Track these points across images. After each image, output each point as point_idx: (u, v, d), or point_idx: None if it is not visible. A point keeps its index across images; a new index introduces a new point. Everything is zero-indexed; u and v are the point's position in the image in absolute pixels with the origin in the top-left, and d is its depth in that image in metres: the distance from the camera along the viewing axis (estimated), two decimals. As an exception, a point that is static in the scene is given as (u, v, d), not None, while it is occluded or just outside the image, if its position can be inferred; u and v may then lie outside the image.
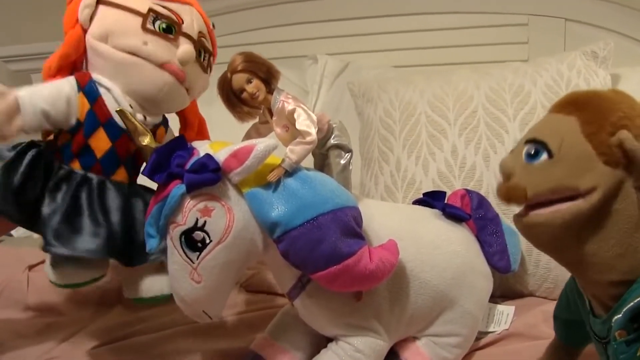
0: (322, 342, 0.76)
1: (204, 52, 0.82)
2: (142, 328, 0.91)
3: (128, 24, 0.76)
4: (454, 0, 1.42)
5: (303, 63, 1.55)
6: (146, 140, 0.70)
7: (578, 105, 0.55)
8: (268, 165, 0.67)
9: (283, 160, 0.68)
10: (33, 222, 0.77)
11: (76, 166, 0.78)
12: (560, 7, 1.33)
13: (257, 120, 0.79)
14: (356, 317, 0.71)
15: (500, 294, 0.96)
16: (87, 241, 0.75)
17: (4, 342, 0.89)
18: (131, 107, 0.78)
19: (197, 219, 0.65)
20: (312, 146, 0.69)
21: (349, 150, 0.78)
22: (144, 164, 0.78)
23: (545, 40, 1.35)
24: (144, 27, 0.76)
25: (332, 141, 0.76)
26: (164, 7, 0.78)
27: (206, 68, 0.83)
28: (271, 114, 0.74)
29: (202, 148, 0.69)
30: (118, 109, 0.71)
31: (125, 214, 0.79)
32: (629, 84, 1.15)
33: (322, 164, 0.78)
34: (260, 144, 0.64)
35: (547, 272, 0.94)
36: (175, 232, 0.66)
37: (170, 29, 0.77)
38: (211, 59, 0.84)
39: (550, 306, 0.88)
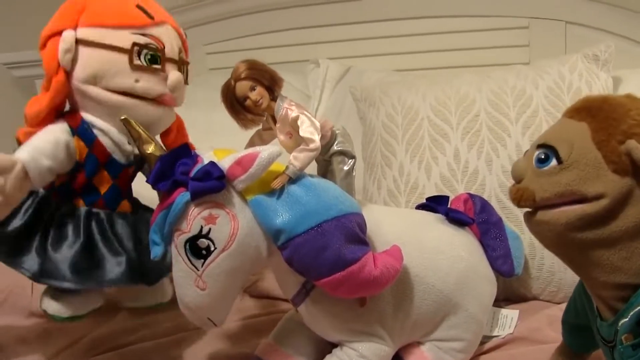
0: (326, 347, 0.76)
1: (184, 66, 0.82)
2: (146, 334, 0.91)
3: (116, 64, 0.75)
4: (455, 4, 1.42)
5: (305, 68, 1.55)
6: (150, 149, 0.70)
7: (590, 111, 0.55)
8: (272, 172, 0.67)
9: (287, 168, 0.68)
10: (13, 254, 0.75)
11: (80, 203, 0.79)
12: (561, 9, 1.34)
13: (260, 127, 0.79)
14: (360, 323, 0.72)
15: (504, 298, 0.97)
16: (111, 271, 0.76)
17: (7, 348, 0.90)
18: (128, 143, 0.79)
19: (202, 227, 0.65)
20: (316, 153, 0.69)
21: (353, 157, 0.78)
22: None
23: (546, 42, 1.35)
24: (131, 64, 0.75)
25: (335, 147, 0.77)
26: (143, 34, 0.76)
27: (187, 79, 0.82)
28: (275, 121, 0.74)
29: (206, 156, 0.70)
30: (122, 118, 0.71)
31: (136, 240, 0.80)
32: (630, 86, 1.15)
33: (325, 170, 0.78)
34: (264, 151, 0.65)
35: (551, 275, 0.95)
36: (179, 239, 0.66)
37: (156, 59, 0.76)
38: (188, 67, 0.84)
39: (555, 310, 0.89)
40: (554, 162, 0.55)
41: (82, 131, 0.76)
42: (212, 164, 0.66)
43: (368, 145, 1.17)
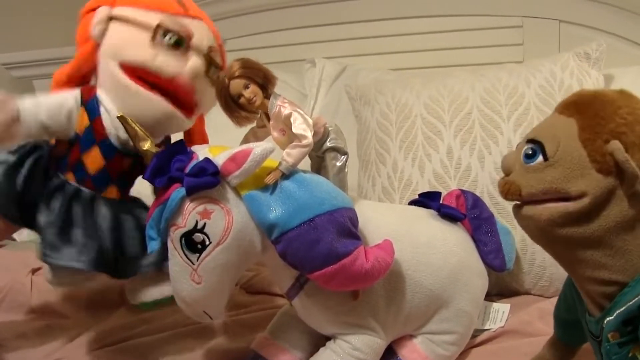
0: (321, 341, 0.77)
1: (213, 66, 0.82)
2: (144, 330, 0.93)
3: (138, 38, 0.77)
4: (449, 4, 1.43)
5: (301, 67, 1.56)
6: (147, 145, 0.71)
7: (580, 107, 0.56)
8: (265, 168, 0.68)
9: (280, 163, 0.69)
10: (34, 224, 0.79)
11: (70, 178, 0.80)
12: (554, 8, 1.35)
13: (254, 124, 0.80)
14: (353, 316, 0.73)
15: (497, 293, 0.98)
16: (77, 253, 0.77)
17: (8, 344, 0.91)
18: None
19: (197, 221, 0.66)
20: (309, 149, 0.70)
21: (345, 153, 0.79)
22: (138, 178, 0.79)
23: (539, 41, 1.37)
24: (153, 41, 0.76)
25: (328, 144, 0.78)
26: (174, 21, 0.78)
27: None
28: (268, 119, 0.75)
29: (201, 152, 0.71)
30: (119, 115, 0.72)
31: (115, 229, 0.81)
32: (620, 84, 1.14)
33: (318, 166, 0.80)
34: (258, 147, 0.66)
35: (542, 270, 0.96)
36: (175, 234, 0.67)
37: (180, 43, 0.78)
38: (220, 74, 0.84)
39: (546, 303, 0.90)
40: (540, 158, 0.55)
41: (90, 105, 0.78)
42: (207, 160, 0.67)
43: (363, 143, 1.18)
